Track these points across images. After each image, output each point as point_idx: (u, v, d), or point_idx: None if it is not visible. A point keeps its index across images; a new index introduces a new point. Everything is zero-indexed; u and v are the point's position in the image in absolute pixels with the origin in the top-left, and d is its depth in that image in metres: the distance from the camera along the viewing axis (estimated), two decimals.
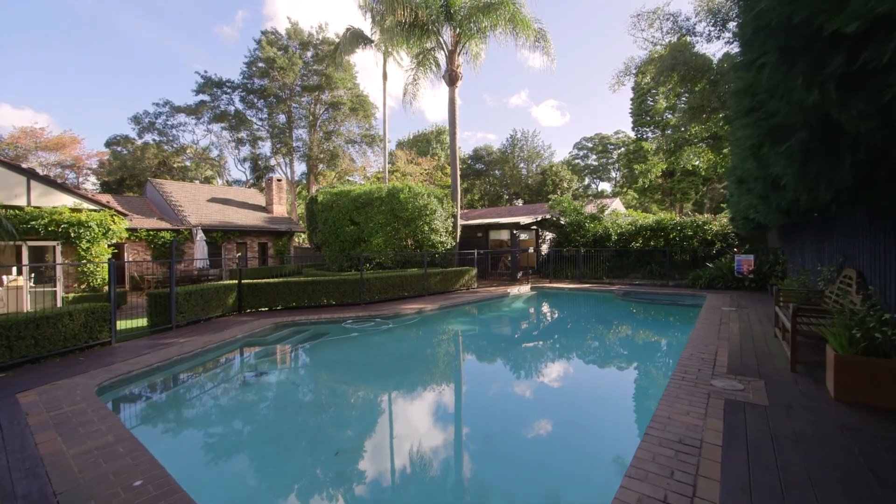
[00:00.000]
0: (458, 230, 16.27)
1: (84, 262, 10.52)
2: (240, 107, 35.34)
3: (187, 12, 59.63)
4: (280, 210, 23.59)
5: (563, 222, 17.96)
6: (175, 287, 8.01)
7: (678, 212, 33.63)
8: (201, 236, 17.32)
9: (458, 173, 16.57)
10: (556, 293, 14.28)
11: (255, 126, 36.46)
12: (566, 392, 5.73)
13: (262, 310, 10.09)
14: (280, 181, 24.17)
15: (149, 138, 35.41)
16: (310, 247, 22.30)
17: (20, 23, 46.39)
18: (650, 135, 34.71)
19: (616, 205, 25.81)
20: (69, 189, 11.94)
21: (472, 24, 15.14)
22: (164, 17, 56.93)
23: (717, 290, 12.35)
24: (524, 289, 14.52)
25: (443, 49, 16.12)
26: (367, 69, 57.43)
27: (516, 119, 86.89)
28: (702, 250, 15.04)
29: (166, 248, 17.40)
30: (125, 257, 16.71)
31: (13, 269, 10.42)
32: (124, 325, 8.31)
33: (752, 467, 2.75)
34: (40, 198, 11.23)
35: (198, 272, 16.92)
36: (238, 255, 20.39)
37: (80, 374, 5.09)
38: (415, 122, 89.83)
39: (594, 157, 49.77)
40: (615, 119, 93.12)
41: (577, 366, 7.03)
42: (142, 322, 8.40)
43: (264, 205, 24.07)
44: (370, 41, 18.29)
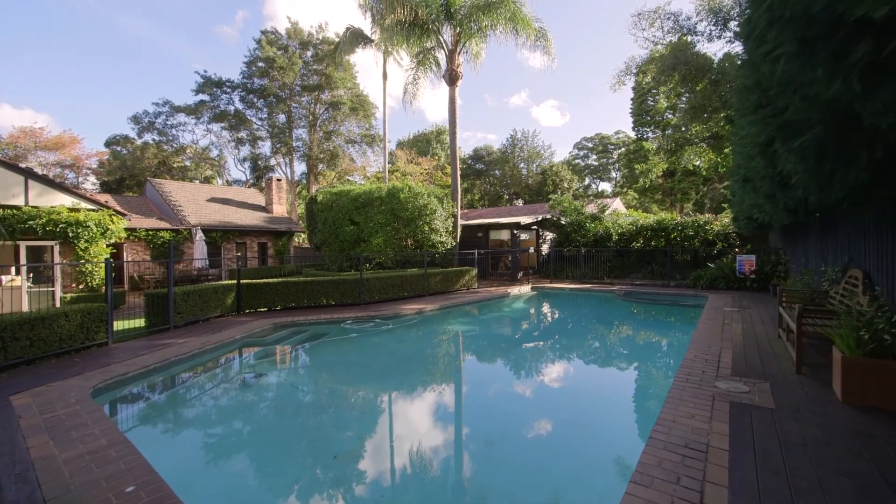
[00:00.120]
0: (459, 230, 16.20)
1: (82, 262, 10.44)
2: (239, 106, 35.31)
3: (187, 12, 59.63)
4: (280, 210, 23.53)
5: (563, 222, 17.89)
6: (173, 287, 7.94)
7: (679, 212, 33.55)
8: (201, 236, 17.27)
9: (459, 173, 16.51)
10: (556, 293, 14.21)
11: (255, 126, 36.41)
12: (568, 393, 5.66)
13: (262, 310, 10.02)
14: (280, 181, 24.11)
15: (148, 138, 35.37)
16: (309, 247, 22.24)
17: (20, 23, 46.38)
18: (651, 135, 34.66)
19: (616, 205, 25.75)
20: (67, 188, 11.89)
21: (472, 24, 15.07)
22: (165, 17, 56.94)
23: (718, 291, 12.28)
24: (525, 289, 14.45)
25: (443, 48, 16.05)
26: (367, 69, 57.45)
27: (516, 119, 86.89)
28: (703, 250, 14.97)
29: (165, 248, 17.33)
30: (124, 257, 16.65)
31: (12, 269, 10.35)
32: (122, 325, 8.25)
33: (761, 472, 2.68)
34: (38, 197, 11.18)
35: (197, 272, 16.87)
36: (238, 255, 20.33)
37: (75, 376, 5.02)
38: (415, 122, 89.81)
39: (594, 157, 49.72)
40: (615, 119, 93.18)
41: (578, 367, 6.96)
42: (140, 322, 8.34)
43: (264, 205, 24.01)
44: (370, 41, 18.22)
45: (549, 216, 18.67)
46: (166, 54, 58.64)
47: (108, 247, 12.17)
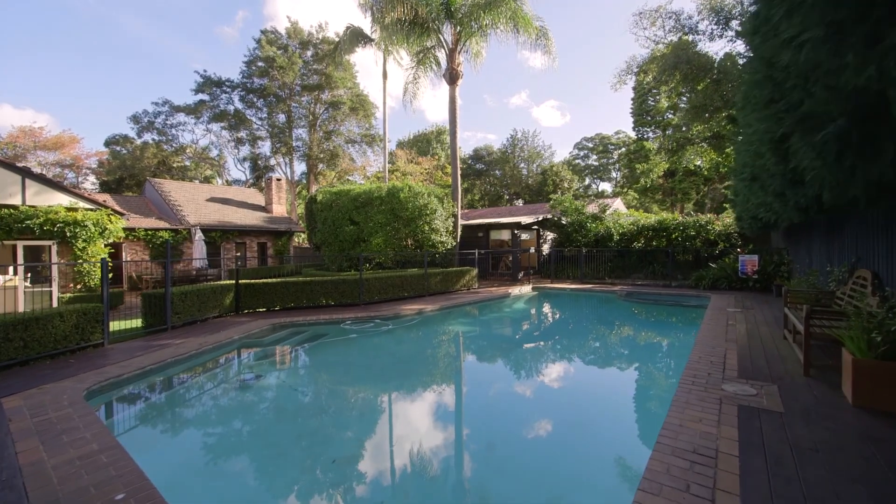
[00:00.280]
0: (459, 230, 16.11)
1: (79, 261, 10.34)
2: (239, 106, 35.22)
3: (188, 12, 59.59)
4: (279, 210, 23.44)
5: (564, 222, 17.81)
6: (170, 287, 7.85)
7: (679, 212, 33.47)
8: (200, 236, 17.18)
9: (459, 172, 16.42)
10: (557, 294, 14.11)
11: (255, 125, 36.32)
12: (571, 396, 5.57)
13: (260, 310, 9.93)
14: (279, 181, 24.02)
15: (148, 138, 35.28)
16: (309, 247, 22.16)
17: (20, 22, 46.33)
18: (651, 135, 34.59)
19: (617, 204, 25.66)
20: (65, 188, 11.79)
21: (472, 23, 14.98)
22: (165, 17, 56.90)
23: (720, 291, 12.19)
24: (525, 289, 14.36)
25: (443, 47, 15.97)
26: (367, 69, 57.37)
27: (517, 119, 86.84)
28: (704, 250, 14.88)
29: (164, 248, 17.25)
30: (123, 257, 16.56)
31: (9, 269, 10.26)
32: (120, 325, 8.17)
33: (773, 480, 2.59)
34: (35, 196, 11.08)
35: (196, 272, 16.78)
36: (237, 254, 20.24)
37: (68, 378, 4.93)
38: (415, 121, 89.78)
39: (595, 157, 49.62)
40: (616, 119, 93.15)
41: (581, 369, 6.87)
42: (137, 323, 8.25)
43: (264, 204, 23.93)
44: (370, 40, 18.14)
45: (549, 216, 18.58)
46: (166, 54, 58.62)
47: (106, 247, 12.08)
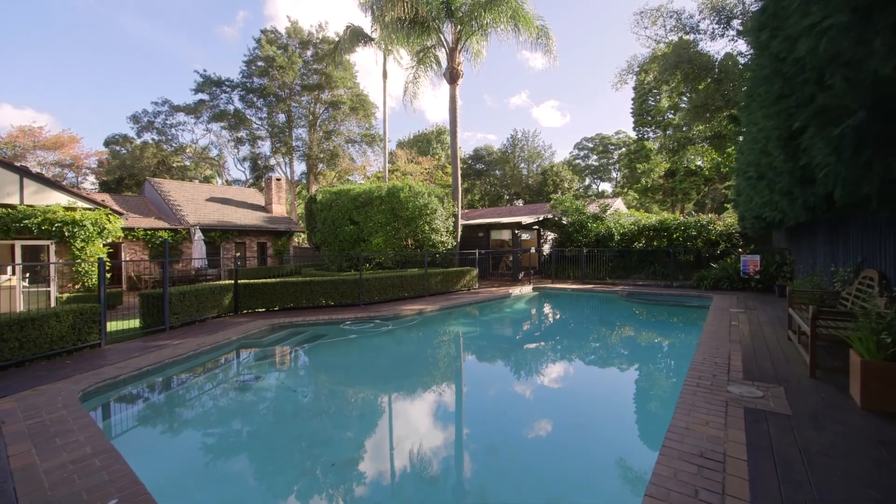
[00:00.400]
0: (459, 230, 16.05)
1: (76, 261, 10.28)
2: (239, 106, 35.16)
3: (188, 12, 59.55)
4: (279, 210, 23.38)
5: (565, 222, 17.74)
6: (169, 287, 7.78)
7: (680, 212, 33.41)
8: (199, 236, 17.12)
9: (459, 172, 16.35)
10: (558, 294, 14.05)
11: (255, 125, 36.26)
12: (574, 398, 5.50)
13: (259, 310, 9.87)
14: (279, 181, 23.96)
15: (148, 137, 35.23)
16: (309, 247, 22.09)
17: (21, 22, 46.28)
18: (651, 135, 34.52)
19: (618, 204, 25.59)
20: (63, 187, 11.73)
21: (473, 22, 14.92)
22: (165, 17, 56.86)
23: (722, 291, 12.12)
24: (526, 289, 14.30)
25: (443, 47, 15.91)
26: (367, 69, 57.28)
27: (517, 119, 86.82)
28: (706, 251, 14.81)
29: (164, 247, 17.20)
30: (122, 257, 16.49)
31: (8, 268, 10.20)
32: (118, 325, 8.10)
33: (784, 486, 2.52)
34: (33, 196, 11.02)
35: (196, 272, 16.72)
36: (236, 254, 20.18)
37: (64, 379, 4.86)
38: (415, 122, 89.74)
39: (595, 157, 49.56)
40: (616, 119, 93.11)
41: (584, 370, 6.80)
42: (135, 323, 8.19)
43: (263, 204, 23.87)
44: (370, 39, 18.09)
45: (550, 216, 18.52)
46: (167, 54, 58.59)
47: (105, 246, 12.01)
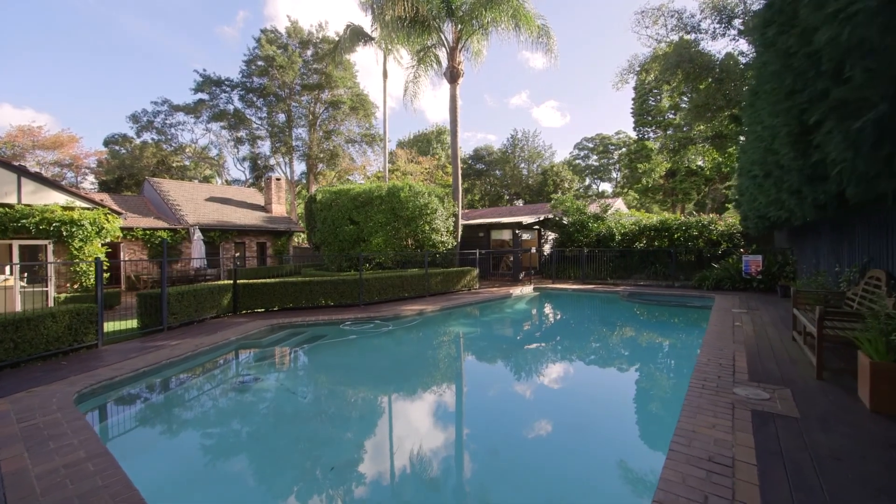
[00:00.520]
0: (460, 230, 15.98)
1: (74, 261, 10.20)
2: (239, 106, 35.06)
3: (188, 12, 59.50)
4: (279, 210, 23.31)
5: (565, 222, 17.67)
6: (167, 287, 7.71)
7: (681, 212, 33.36)
8: (199, 235, 17.04)
9: (460, 171, 16.28)
10: (559, 294, 13.98)
11: (255, 125, 36.17)
12: (576, 400, 5.43)
13: (259, 311, 9.79)
14: (279, 180, 23.89)
15: (147, 137, 35.15)
16: (309, 247, 22.03)
17: (21, 22, 46.22)
18: (652, 135, 34.46)
19: (619, 204, 25.53)
20: (61, 186, 11.65)
21: (474, 21, 14.86)
22: (165, 17, 56.81)
23: (724, 292, 12.06)
24: (527, 289, 14.23)
25: (444, 46, 15.85)
26: (367, 69, 57.22)
27: (517, 120, 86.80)
28: (707, 251, 14.75)
29: (162, 247, 17.13)
30: (121, 257, 16.42)
31: (6, 268, 10.13)
32: (116, 326, 8.02)
33: (796, 491, 2.46)
34: (31, 195, 10.95)
35: (195, 272, 16.64)
36: (235, 254, 20.10)
37: (59, 381, 4.79)
38: (415, 122, 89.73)
39: (595, 157, 49.50)
40: (616, 120, 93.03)
41: (586, 371, 6.73)
42: (133, 323, 8.11)
43: (263, 204, 23.79)
44: (371, 38, 18.03)
45: (550, 216, 18.45)
46: (167, 54, 58.54)
47: (103, 246, 11.94)
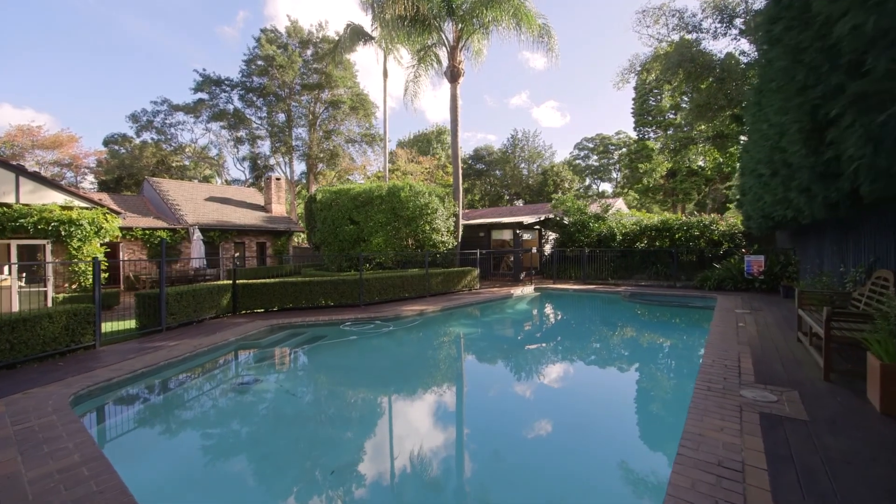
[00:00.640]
0: (460, 230, 15.92)
1: (72, 261, 10.14)
2: (239, 105, 34.98)
3: (188, 12, 59.47)
4: (279, 209, 23.25)
5: (566, 222, 17.61)
6: (165, 287, 7.65)
7: (681, 212, 33.30)
8: (198, 235, 16.98)
9: (460, 171, 16.22)
10: (560, 294, 13.91)
11: (255, 125, 36.09)
12: (580, 402, 5.36)
13: (258, 311, 9.73)
14: (279, 180, 23.83)
15: (147, 137, 35.07)
16: (309, 247, 21.96)
17: (21, 22, 46.16)
18: (652, 135, 34.40)
19: (619, 204, 25.48)
20: (59, 186, 11.58)
21: (474, 19, 14.80)
22: (165, 17, 56.76)
23: (726, 292, 12.00)
24: (528, 290, 14.16)
25: (444, 45, 15.79)
26: (367, 68, 57.20)
27: (517, 120, 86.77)
28: (709, 251, 14.69)
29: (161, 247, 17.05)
30: (120, 257, 16.35)
31: (4, 268, 10.07)
32: (114, 326, 7.96)
33: (808, 497, 2.39)
34: (30, 195, 10.88)
35: (194, 272, 16.57)
36: (235, 254, 20.03)
37: (55, 382, 4.72)
38: (415, 122, 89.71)
39: (595, 157, 49.45)
40: (616, 120, 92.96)
41: (589, 373, 6.66)
42: (131, 324, 8.05)
43: (263, 204, 23.73)
44: (371, 38, 17.98)
45: (551, 216, 18.39)
46: (167, 54, 58.50)
47: (102, 246, 11.87)
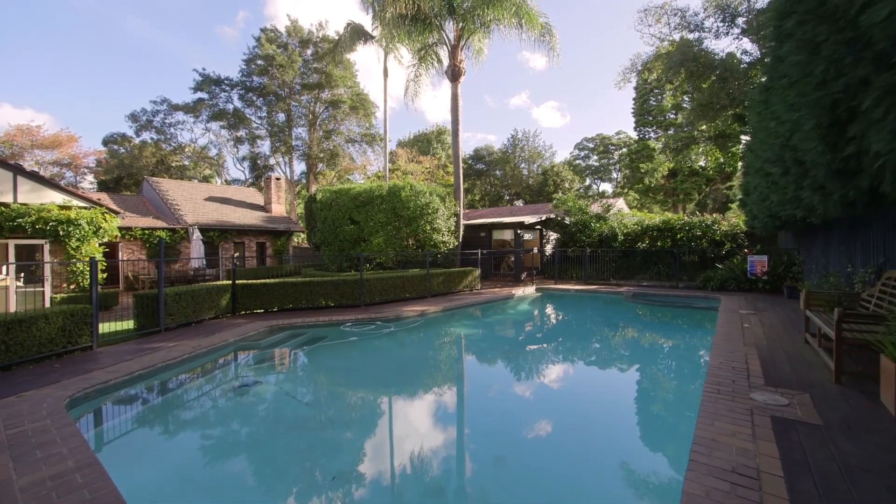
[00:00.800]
0: (461, 229, 15.83)
1: (70, 261, 10.06)
2: (238, 105, 34.92)
3: (188, 12, 59.41)
4: (279, 209, 23.17)
5: (567, 222, 17.53)
6: (164, 287, 7.56)
7: (682, 212, 33.22)
8: (198, 235, 16.89)
9: (461, 170, 16.14)
10: (562, 295, 13.83)
11: (254, 125, 36.02)
12: (585, 405, 5.27)
13: (258, 312, 9.64)
14: (279, 180, 23.75)
15: (146, 137, 35.00)
16: (309, 247, 21.88)
17: (21, 22, 46.09)
18: (653, 135, 34.31)
19: (620, 204, 25.40)
20: (58, 185, 11.50)
21: (475, 19, 14.72)
22: (165, 17, 56.70)
23: (729, 292, 11.91)
24: (529, 290, 14.08)
25: (445, 44, 15.72)
26: (367, 68, 57.13)
27: (517, 120, 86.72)
28: (711, 251, 14.61)
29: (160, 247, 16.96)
30: (120, 257, 16.27)
31: (2, 268, 9.98)
32: (112, 327, 7.87)
33: None
34: (28, 194, 10.80)
35: (194, 272, 16.48)
36: (235, 254, 19.94)
37: (51, 384, 4.63)
38: (415, 121, 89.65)
39: (595, 157, 49.37)
40: (616, 120, 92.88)
41: (593, 375, 6.57)
42: (130, 324, 7.96)
43: (263, 204, 23.65)
44: (371, 37, 17.92)
45: (552, 216, 18.31)
46: (167, 54, 58.45)
47: (101, 246, 11.79)
